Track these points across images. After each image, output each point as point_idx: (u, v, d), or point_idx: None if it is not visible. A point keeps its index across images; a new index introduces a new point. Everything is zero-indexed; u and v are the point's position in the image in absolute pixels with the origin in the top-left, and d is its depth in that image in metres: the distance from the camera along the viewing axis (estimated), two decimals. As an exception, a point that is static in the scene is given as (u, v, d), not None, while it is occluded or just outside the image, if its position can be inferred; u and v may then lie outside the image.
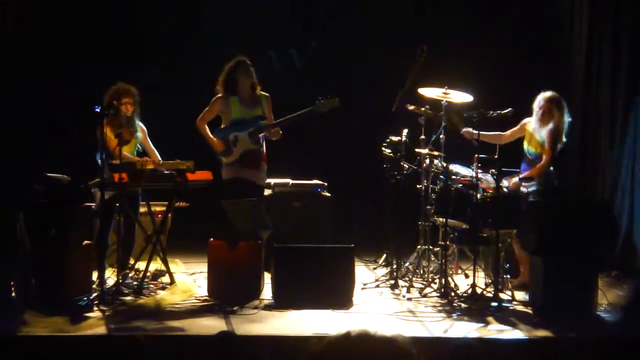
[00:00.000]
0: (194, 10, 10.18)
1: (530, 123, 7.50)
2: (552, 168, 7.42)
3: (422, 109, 7.54)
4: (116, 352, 5.59)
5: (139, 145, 7.60)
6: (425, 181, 7.59)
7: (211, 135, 7.54)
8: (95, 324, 5.99)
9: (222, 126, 7.58)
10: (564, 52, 9.32)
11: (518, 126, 7.64)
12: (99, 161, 6.75)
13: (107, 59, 9.49)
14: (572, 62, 9.18)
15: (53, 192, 6.46)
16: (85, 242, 6.85)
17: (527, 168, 7.44)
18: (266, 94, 7.58)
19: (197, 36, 10.11)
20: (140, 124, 7.54)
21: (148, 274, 7.31)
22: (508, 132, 7.69)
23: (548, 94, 7.41)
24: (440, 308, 6.60)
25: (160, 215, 7.77)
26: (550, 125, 7.34)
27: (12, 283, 6.34)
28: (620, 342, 5.82)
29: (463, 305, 6.68)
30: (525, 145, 7.54)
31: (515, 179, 7.28)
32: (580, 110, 8.92)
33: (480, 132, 7.07)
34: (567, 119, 7.40)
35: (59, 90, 9.23)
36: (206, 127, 7.58)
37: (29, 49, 9.20)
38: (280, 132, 7.48)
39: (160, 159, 7.50)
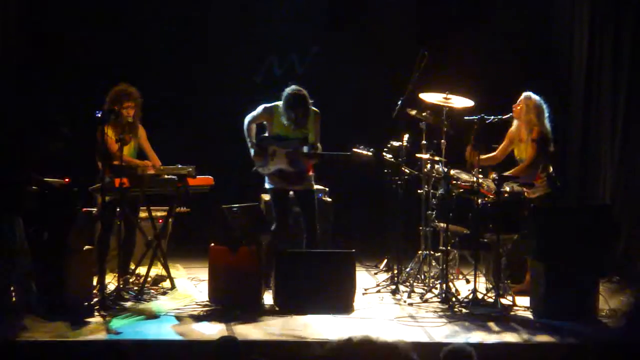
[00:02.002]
0: (196, 14, 10.17)
1: (514, 130, 7.45)
2: (551, 170, 7.39)
3: (424, 114, 7.55)
4: (116, 357, 5.60)
5: (138, 145, 7.56)
6: (426, 186, 7.59)
7: (253, 141, 7.39)
8: (96, 329, 5.99)
9: (266, 134, 7.46)
10: (565, 53, 9.32)
11: (505, 140, 7.55)
12: (100, 165, 6.76)
13: (105, 60, 9.49)
14: (572, 62, 9.18)
15: (46, 195, 6.44)
16: (86, 247, 6.84)
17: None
18: (315, 110, 7.40)
19: (199, 40, 10.10)
20: (140, 126, 7.52)
21: (149, 279, 7.31)
22: (498, 151, 7.57)
23: (529, 94, 7.38)
24: (441, 313, 6.59)
25: (161, 220, 7.76)
26: (531, 127, 7.29)
27: (12, 288, 6.33)
28: (621, 348, 5.81)
29: (464, 310, 6.67)
30: (516, 152, 7.49)
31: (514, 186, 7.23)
32: (581, 113, 8.93)
33: (480, 157, 7.00)
34: (547, 120, 7.36)
35: (50, 89, 9.23)
36: (253, 128, 7.42)
37: (25, 48, 9.22)
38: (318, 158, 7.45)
39: (159, 161, 7.49)
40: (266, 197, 7.99)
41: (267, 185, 7.46)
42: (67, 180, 6.77)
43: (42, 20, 9.57)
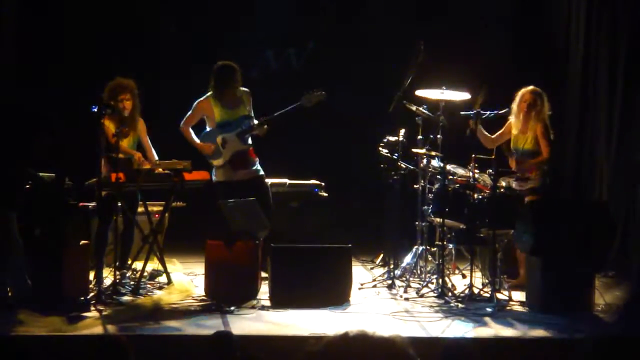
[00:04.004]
0: (193, 9, 10.16)
1: (513, 122, 7.40)
2: (546, 167, 7.38)
3: (420, 108, 7.53)
4: (113, 352, 5.59)
5: (137, 138, 7.54)
6: (422, 181, 7.59)
7: (196, 139, 7.56)
8: (92, 323, 5.98)
9: (208, 129, 7.59)
10: (561, 50, 9.31)
11: (503, 128, 7.54)
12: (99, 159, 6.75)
13: (104, 56, 9.47)
14: (569, 59, 9.18)
15: (38, 190, 6.43)
16: (83, 241, 6.83)
17: (519, 167, 7.37)
18: (246, 90, 7.57)
19: (196, 35, 10.09)
20: (140, 119, 7.51)
21: (145, 273, 7.30)
22: (494, 135, 7.55)
23: (530, 87, 7.35)
24: (437, 308, 6.59)
25: (157, 215, 7.75)
26: (540, 121, 7.27)
27: (7, 283, 6.32)
28: (617, 343, 5.81)
29: (460, 305, 6.67)
30: (513, 144, 7.46)
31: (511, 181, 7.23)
32: (577, 109, 8.92)
33: (479, 128, 7.05)
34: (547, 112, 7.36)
35: (47, 84, 9.21)
36: (191, 131, 7.60)
37: (21, 45, 9.20)
38: (266, 127, 7.50)
39: (156, 156, 7.48)
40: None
41: (214, 179, 7.53)
42: (53, 175, 6.75)
43: (38, 16, 9.55)
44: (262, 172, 7.66)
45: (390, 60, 9.05)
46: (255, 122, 7.47)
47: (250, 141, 7.58)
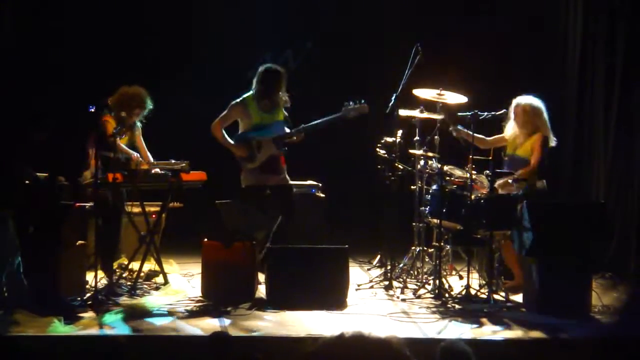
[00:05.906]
0: (191, 10, 10.16)
1: (509, 129, 7.40)
2: (544, 181, 7.34)
3: (417, 112, 7.52)
4: (109, 351, 5.59)
5: (132, 141, 7.55)
6: (419, 182, 7.59)
7: (230, 141, 7.39)
8: (88, 324, 5.98)
9: (241, 131, 7.44)
10: (559, 50, 9.32)
11: (502, 134, 7.55)
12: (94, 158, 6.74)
13: (102, 55, 9.47)
14: (566, 62, 9.18)
15: (31, 189, 6.41)
16: (79, 242, 6.82)
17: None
18: (287, 94, 7.47)
19: (194, 36, 10.09)
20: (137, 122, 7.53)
21: (142, 274, 7.30)
22: (491, 139, 7.56)
23: (525, 100, 7.30)
24: (434, 309, 6.59)
25: (154, 216, 7.74)
26: (537, 134, 7.26)
27: (3, 283, 6.30)
28: (614, 343, 5.83)
29: (457, 306, 6.67)
30: (510, 150, 7.43)
31: (508, 180, 7.21)
32: (574, 109, 8.92)
33: (468, 132, 7.06)
34: (547, 120, 7.33)
35: (38, 82, 9.20)
36: (223, 132, 7.40)
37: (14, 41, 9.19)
38: (303, 135, 7.43)
39: (151, 157, 7.49)
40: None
41: (243, 183, 7.43)
42: (46, 175, 6.73)
43: (35, 12, 9.55)
44: (290, 182, 7.56)
45: (390, 61, 9.05)
46: (288, 130, 7.36)
47: (285, 148, 7.51)
